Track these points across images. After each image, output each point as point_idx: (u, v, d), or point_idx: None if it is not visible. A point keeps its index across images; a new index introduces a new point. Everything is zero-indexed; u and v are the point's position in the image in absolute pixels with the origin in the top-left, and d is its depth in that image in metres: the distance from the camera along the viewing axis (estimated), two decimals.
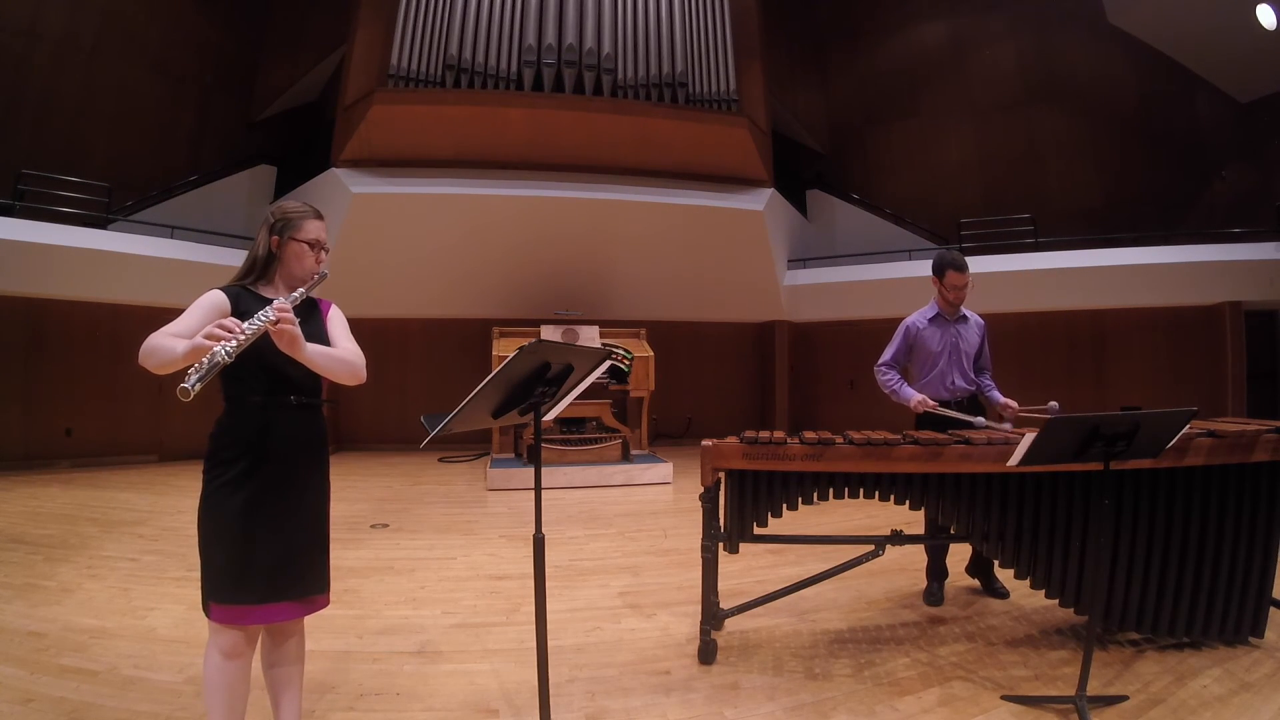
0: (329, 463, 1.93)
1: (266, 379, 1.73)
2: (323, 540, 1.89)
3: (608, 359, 2.06)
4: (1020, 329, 8.56)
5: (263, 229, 1.87)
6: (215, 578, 1.68)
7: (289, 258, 1.85)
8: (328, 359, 1.76)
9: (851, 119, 11.16)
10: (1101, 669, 2.47)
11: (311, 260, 1.87)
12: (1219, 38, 8.42)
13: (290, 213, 1.87)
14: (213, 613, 1.69)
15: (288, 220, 1.85)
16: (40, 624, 2.88)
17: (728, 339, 10.34)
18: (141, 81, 8.41)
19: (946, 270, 3.30)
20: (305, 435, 1.83)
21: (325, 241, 1.91)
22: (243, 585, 1.67)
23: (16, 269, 6.51)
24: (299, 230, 1.85)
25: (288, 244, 1.84)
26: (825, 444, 2.57)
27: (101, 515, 5.03)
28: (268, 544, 1.70)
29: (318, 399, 1.87)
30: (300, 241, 1.85)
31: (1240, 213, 8.40)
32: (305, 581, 1.80)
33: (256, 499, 1.70)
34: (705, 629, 2.63)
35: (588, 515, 5.30)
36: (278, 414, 1.76)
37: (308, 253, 1.86)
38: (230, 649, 1.69)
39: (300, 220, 1.86)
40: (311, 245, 1.87)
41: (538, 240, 8.29)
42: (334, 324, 1.94)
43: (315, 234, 1.88)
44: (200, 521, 1.72)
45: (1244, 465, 2.53)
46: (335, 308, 2.02)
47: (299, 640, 1.91)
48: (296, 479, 1.79)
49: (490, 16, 7.66)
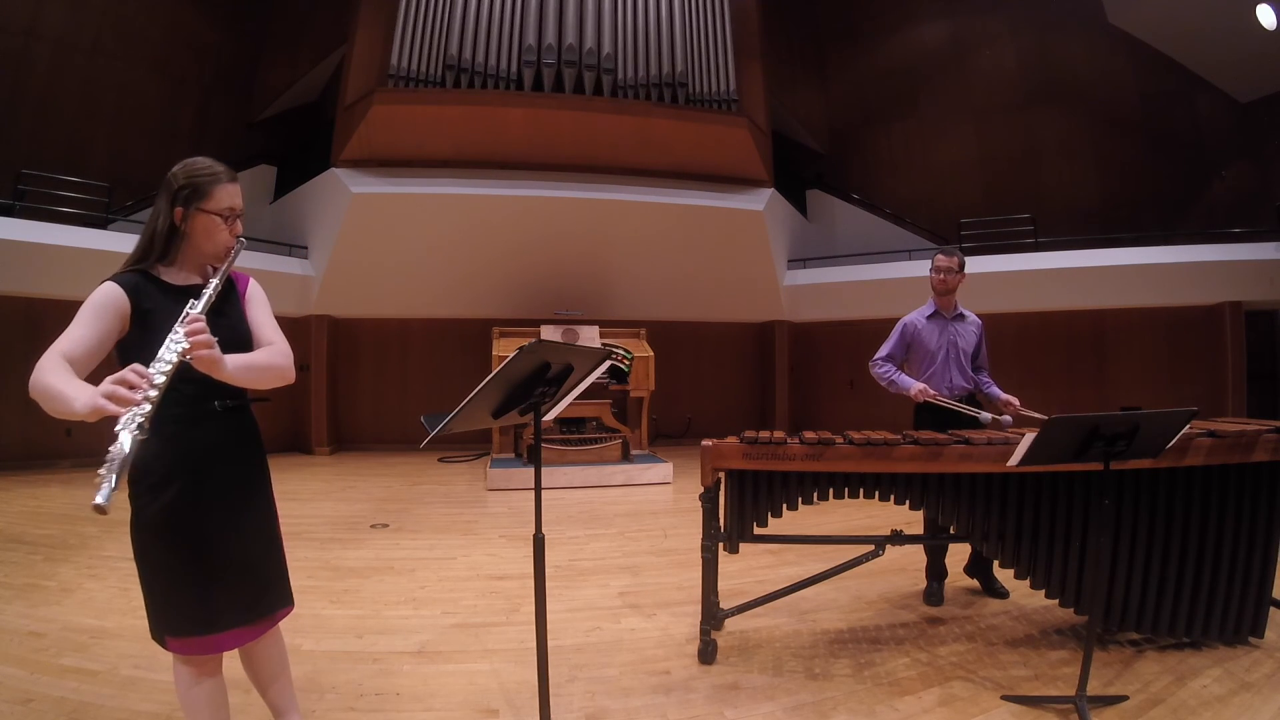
0: (268, 467, 1.70)
1: (187, 388, 1.46)
2: (275, 551, 1.69)
3: (608, 359, 2.06)
4: (1020, 329, 8.56)
5: (162, 197, 1.51)
6: (165, 611, 1.50)
7: (197, 233, 1.52)
8: (251, 371, 1.48)
9: (851, 119, 11.17)
10: (1101, 669, 2.47)
11: (225, 234, 1.54)
12: (1219, 38, 8.43)
13: (197, 175, 1.51)
14: (171, 645, 1.51)
15: (195, 186, 1.50)
16: (40, 624, 2.88)
17: (728, 339, 10.34)
18: (141, 81, 8.42)
19: (936, 254, 3.49)
20: (237, 441, 1.61)
21: (241, 208, 1.57)
22: (198, 618, 1.49)
23: (16, 269, 6.51)
24: (208, 199, 1.51)
25: (195, 216, 1.51)
26: (825, 444, 2.57)
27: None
28: (213, 572, 1.51)
29: (245, 399, 1.64)
30: (210, 213, 1.51)
31: (1240, 213, 8.40)
32: (265, 599, 1.63)
33: (193, 524, 1.49)
34: (705, 629, 2.63)
35: (588, 515, 5.30)
36: (204, 424, 1.52)
37: (220, 226, 1.53)
38: (201, 669, 1.55)
39: (210, 185, 1.51)
40: (224, 216, 1.53)
41: (538, 240, 8.29)
42: (254, 307, 1.65)
43: (229, 201, 1.54)
44: (138, 551, 1.48)
45: (1244, 465, 2.53)
46: (254, 284, 1.69)
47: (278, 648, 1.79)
48: (237, 491, 1.59)
49: (490, 16, 7.67)
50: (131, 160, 8.25)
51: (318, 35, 9.54)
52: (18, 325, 7.12)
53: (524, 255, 8.44)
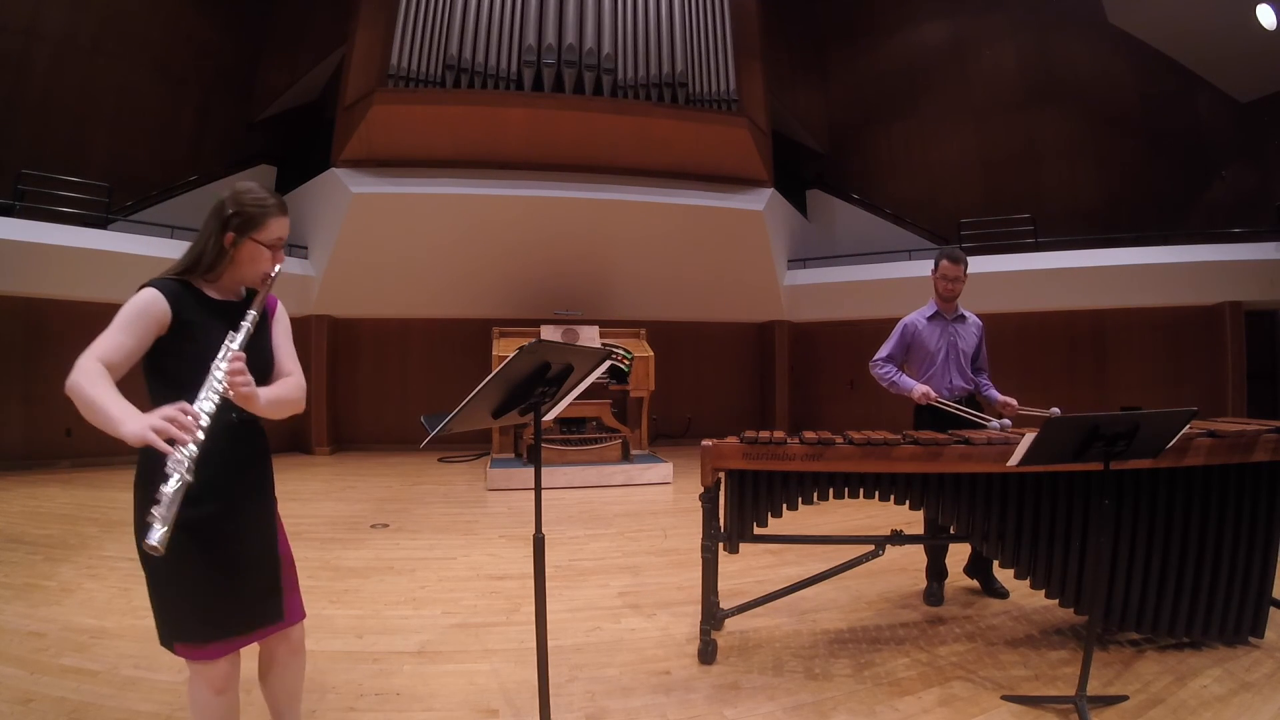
0: (273, 477, 1.74)
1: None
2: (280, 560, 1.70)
3: (608, 359, 2.06)
4: (1020, 329, 8.56)
5: (214, 219, 1.57)
6: (176, 618, 1.51)
7: (243, 259, 1.58)
8: (276, 405, 1.57)
9: (851, 119, 11.17)
10: (1101, 669, 2.47)
11: (268, 263, 1.61)
12: (1219, 38, 8.43)
13: (251, 205, 1.57)
14: (180, 651, 1.52)
15: (248, 216, 1.56)
16: (40, 624, 2.88)
17: (728, 339, 10.34)
18: (141, 81, 8.42)
19: (941, 260, 3.39)
20: (249, 452, 1.65)
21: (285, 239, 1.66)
22: (208, 622, 1.50)
23: (16, 269, 6.52)
24: (261, 229, 1.57)
25: (244, 243, 1.57)
26: (825, 444, 2.57)
27: (101, 515, 5.03)
28: (221, 577, 1.52)
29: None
30: (259, 243, 1.58)
31: (1240, 213, 8.40)
32: (271, 609, 1.63)
33: (202, 529, 1.49)
34: (705, 629, 2.63)
35: (588, 515, 5.30)
36: (222, 435, 1.52)
37: (265, 255, 1.60)
38: (220, 684, 1.54)
39: (264, 218, 1.58)
40: (271, 246, 1.60)
41: (538, 240, 8.29)
42: (280, 333, 1.71)
43: (279, 233, 1.60)
44: (142, 557, 1.46)
45: (1244, 465, 2.53)
46: (281, 308, 1.75)
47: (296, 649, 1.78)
48: (248, 498, 1.62)
49: (490, 16, 7.67)
50: (131, 160, 8.26)
51: (318, 35, 9.54)
52: (18, 325, 7.13)
53: (524, 255, 8.44)
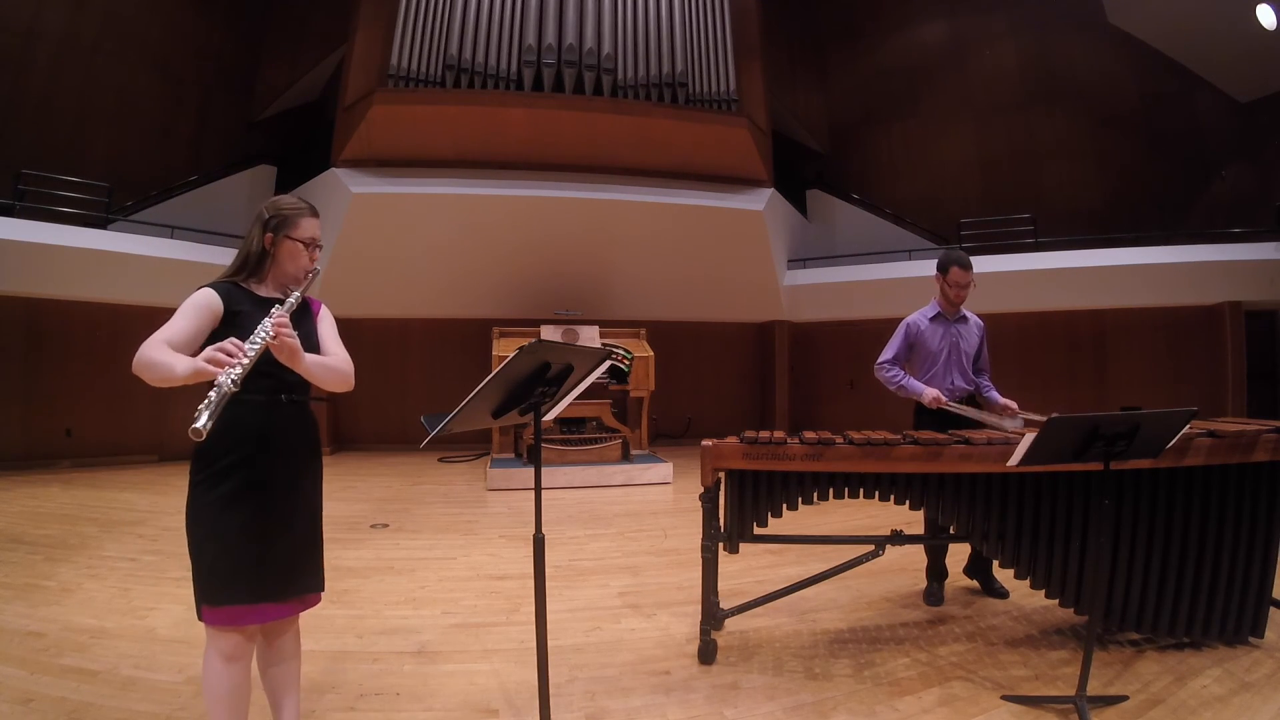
0: (322, 460, 1.93)
1: (259, 378, 1.68)
2: (317, 538, 1.88)
3: (608, 359, 2.06)
4: (1020, 329, 8.55)
5: (256, 225, 1.84)
6: (208, 579, 1.66)
7: (283, 256, 1.83)
8: (323, 369, 1.77)
9: (851, 119, 11.17)
10: (1101, 669, 2.47)
11: (306, 259, 1.86)
12: (1219, 38, 8.43)
13: (286, 209, 1.84)
14: (206, 615, 1.67)
15: (284, 218, 1.83)
16: (40, 624, 2.88)
17: (728, 339, 10.33)
18: (141, 81, 8.41)
19: (951, 267, 3.31)
20: (297, 433, 1.82)
21: (320, 239, 1.91)
22: (236, 585, 1.65)
23: (16, 269, 6.51)
24: (295, 228, 1.83)
25: (282, 242, 1.82)
26: (825, 444, 2.57)
27: (101, 515, 5.03)
28: (262, 544, 1.69)
29: (307, 396, 1.87)
30: (295, 240, 1.83)
31: (1240, 213, 8.40)
32: (301, 580, 1.80)
33: (251, 498, 1.68)
34: (705, 629, 2.63)
35: (588, 515, 5.30)
36: (270, 412, 1.74)
37: (302, 252, 1.85)
38: (231, 652, 1.67)
39: (297, 218, 1.84)
40: (306, 244, 1.85)
41: (538, 240, 8.28)
42: (324, 326, 1.93)
43: (311, 232, 1.86)
44: (190, 523, 1.69)
45: (1244, 465, 2.53)
46: (325, 308, 1.99)
47: (294, 636, 1.91)
48: (290, 477, 1.78)
49: (490, 16, 7.66)
50: (131, 160, 8.25)
51: (318, 35, 9.54)
52: (18, 325, 7.12)
53: (524, 255, 8.44)
